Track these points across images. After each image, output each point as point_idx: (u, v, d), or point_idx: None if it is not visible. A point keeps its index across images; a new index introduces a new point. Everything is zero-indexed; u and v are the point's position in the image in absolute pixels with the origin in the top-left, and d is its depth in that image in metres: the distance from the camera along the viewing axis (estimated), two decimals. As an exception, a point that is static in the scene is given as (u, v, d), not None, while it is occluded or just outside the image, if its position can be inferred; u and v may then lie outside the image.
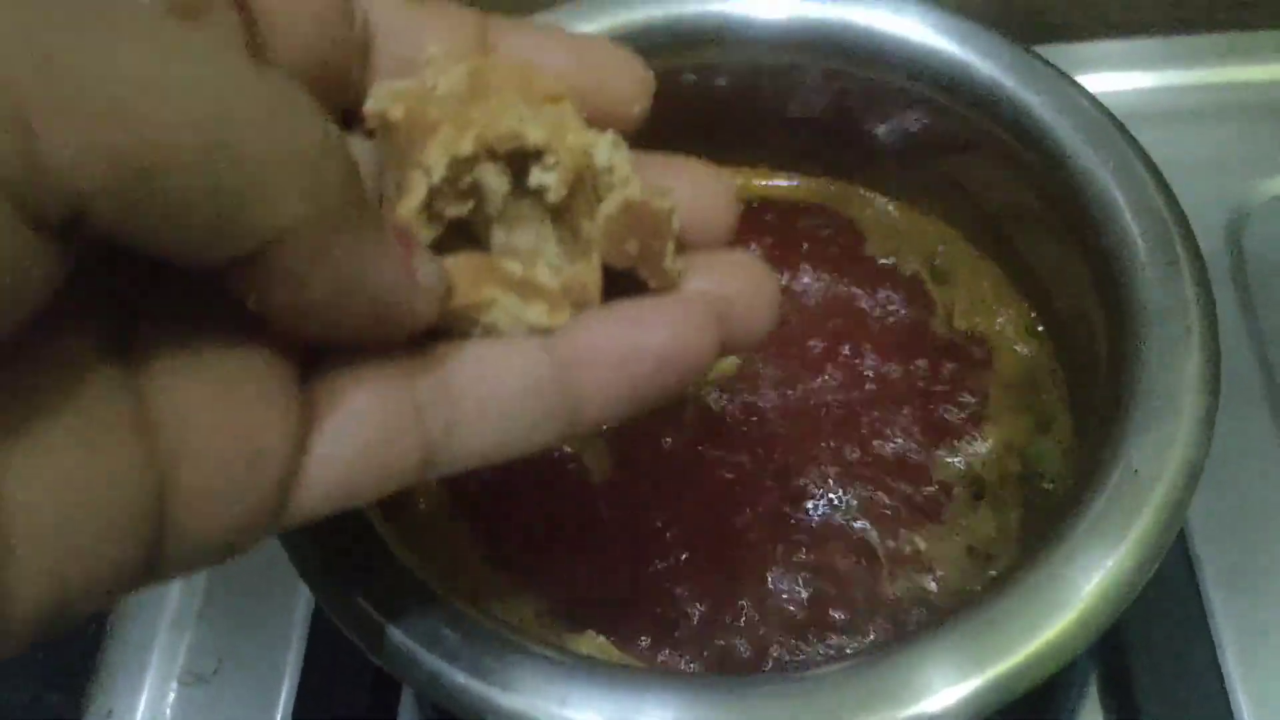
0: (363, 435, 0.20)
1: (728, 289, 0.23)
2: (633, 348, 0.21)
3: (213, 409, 0.18)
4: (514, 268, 0.21)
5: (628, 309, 0.22)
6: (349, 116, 0.23)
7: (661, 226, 0.22)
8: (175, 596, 0.41)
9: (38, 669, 0.63)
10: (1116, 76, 0.51)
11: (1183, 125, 0.49)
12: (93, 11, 0.15)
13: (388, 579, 0.27)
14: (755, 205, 0.39)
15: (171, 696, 0.40)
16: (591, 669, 0.26)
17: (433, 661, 0.25)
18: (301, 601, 0.41)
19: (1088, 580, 0.25)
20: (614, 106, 0.23)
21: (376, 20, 0.22)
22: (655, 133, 0.37)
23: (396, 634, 0.26)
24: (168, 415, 0.17)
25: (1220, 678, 0.35)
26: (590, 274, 0.22)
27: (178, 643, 0.41)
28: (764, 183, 0.40)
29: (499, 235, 0.21)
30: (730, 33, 0.34)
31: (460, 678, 0.25)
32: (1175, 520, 0.26)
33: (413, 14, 0.23)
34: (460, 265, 0.21)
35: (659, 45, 0.34)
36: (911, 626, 0.31)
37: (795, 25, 0.34)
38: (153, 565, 0.17)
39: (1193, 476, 0.26)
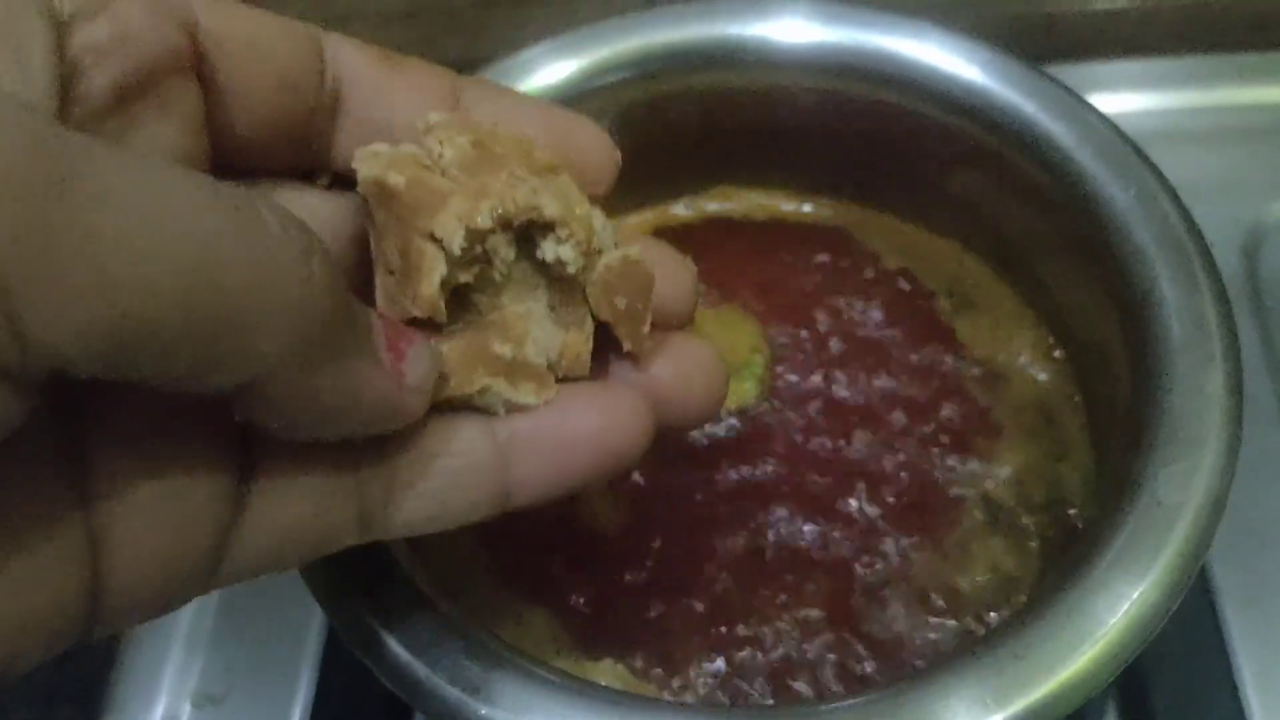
0: (300, 506, 0.20)
1: (682, 373, 0.23)
2: (568, 435, 0.22)
3: (152, 511, 0.18)
4: (505, 351, 0.22)
5: (564, 395, 0.22)
6: (310, 172, 0.23)
7: (647, 287, 0.23)
8: (187, 618, 0.41)
9: (46, 687, 0.63)
10: (1129, 97, 0.51)
11: (1196, 146, 0.49)
12: (71, 172, 0.14)
13: (404, 605, 0.27)
14: (771, 228, 0.39)
15: (184, 719, 0.39)
16: (608, 699, 0.25)
17: (454, 694, 0.25)
18: (315, 624, 0.40)
19: (1113, 613, 0.25)
20: (584, 180, 0.23)
21: (346, 77, 0.22)
22: (672, 155, 0.38)
23: (420, 668, 0.25)
24: (111, 519, 0.18)
25: (1237, 699, 0.35)
26: (584, 344, 0.22)
27: (190, 664, 0.40)
28: (781, 206, 0.40)
29: (491, 300, 0.22)
30: (747, 56, 0.34)
31: (483, 709, 0.25)
32: (1200, 552, 0.26)
33: (384, 73, 0.23)
34: (455, 351, 0.21)
35: (678, 67, 0.35)
36: (933, 659, 0.31)
37: (813, 50, 0.34)
38: (87, 629, 0.18)
39: (1217, 508, 0.26)
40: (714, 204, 0.39)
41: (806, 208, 0.39)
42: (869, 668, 0.30)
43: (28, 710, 0.62)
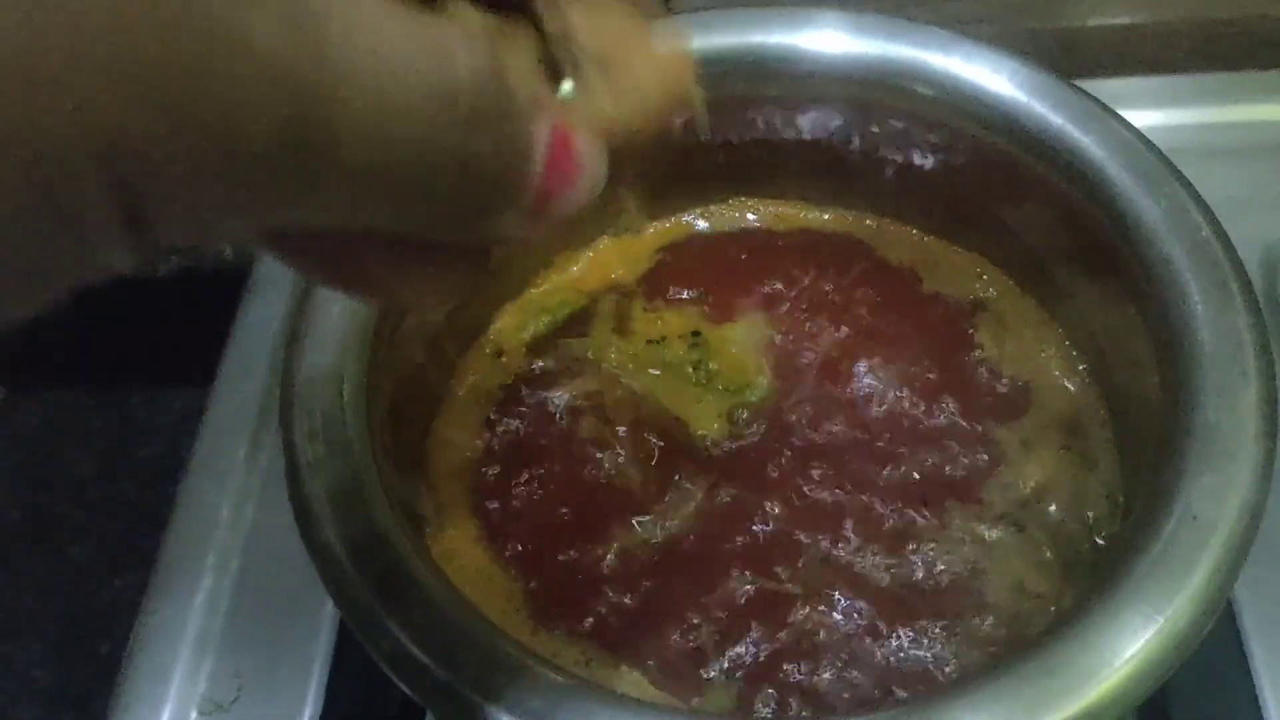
0: None
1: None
2: None
3: None
4: None
5: None
6: None
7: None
8: (196, 621, 0.41)
9: (46, 692, 0.63)
10: (1148, 114, 0.51)
11: (1215, 162, 0.48)
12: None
13: (424, 610, 0.26)
14: (797, 238, 0.38)
15: (191, 723, 0.39)
16: (631, 709, 0.25)
17: (477, 702, 0.25)
18: (324, 629, 0.40)
19: (1147, 629, 0.24)
20: None
21: None
22: (696, 164, 0.37)
23: (434, 668, 0.25)
24: None
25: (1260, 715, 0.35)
26: None
27: (198, 669, 0.40)
28: (801, 215, 0.39)
29: None
30: (778, 65, 0.34)
31: (497, 712, 0.24)
32: (1236, 566, 0.25)
33: None
34: None
35: (711, 74, 0.34)
36: (961, 674, 0.30)
37: (843, 60, 0.34)
38: None
39: (1254, 521, 0.25)
40: (733, 213, 0.39)
41: (826, 216, 0.39)
42: (899, 673, 0.30)
43: (30, 713, 0.62)
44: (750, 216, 0.39)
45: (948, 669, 0.30)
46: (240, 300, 0.50)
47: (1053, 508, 0.33)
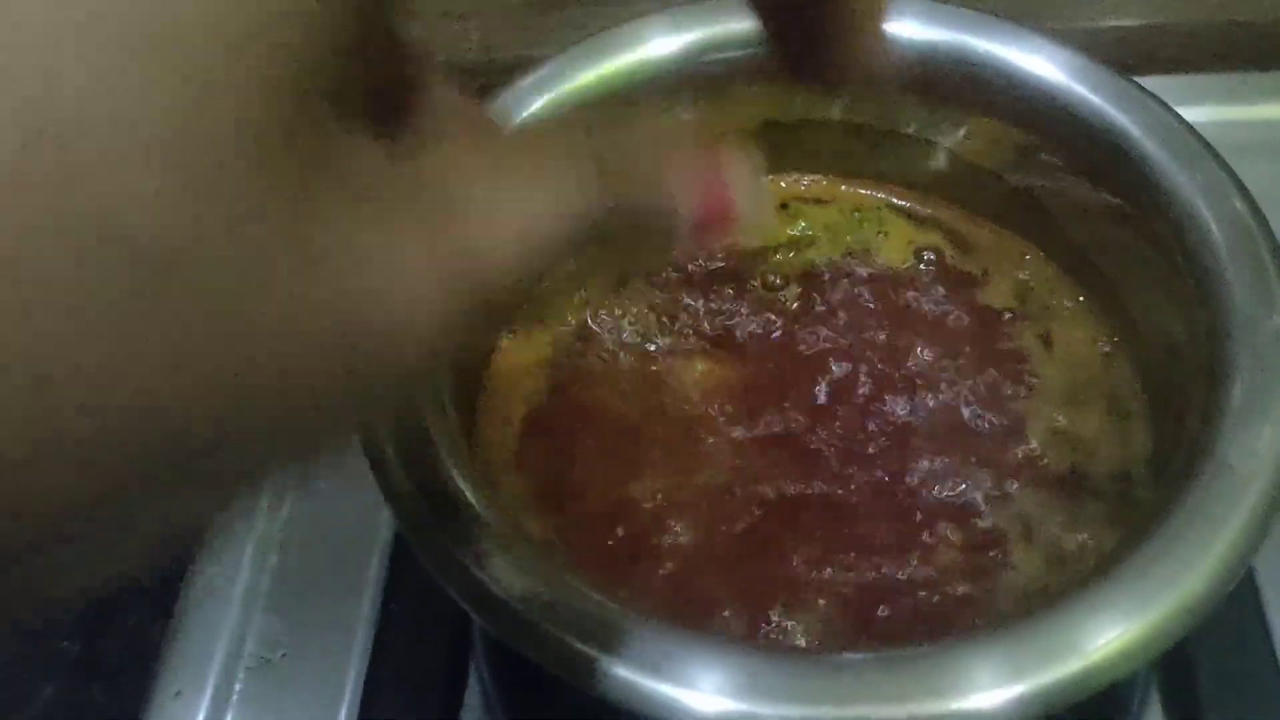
0: None
1: None
2: None
3: None
4: None
5: None
6: None
7: None
8: (243, 581, 0.42)
9: (74, 664, 0.64)
10: (1171, 111, 0.52)
11: (1235, 161, 0.50)
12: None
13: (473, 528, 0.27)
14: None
15: (239, 679, 0.40)
16: (658, 629, 0.26)
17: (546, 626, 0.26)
18: (369, 588, 0.41)
19: (1187, 572, 0.26)
20: None
21: None
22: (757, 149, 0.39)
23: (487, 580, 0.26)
24: None
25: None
26: None
27: (245, 627, 0.41)
28: (844, 187, 0.41)
29: None
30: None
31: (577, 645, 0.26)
32: (1270, 517, 0.26)
33: None
34: None
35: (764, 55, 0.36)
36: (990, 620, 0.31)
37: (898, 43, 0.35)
38: None
39: (1289, 474, 0.27)
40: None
41: (864, 192, 0.41)
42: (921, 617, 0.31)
43: (57, 684, 0.62)
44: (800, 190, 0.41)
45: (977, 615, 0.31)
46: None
47: (1090, 459, 0.34)
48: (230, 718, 0.39)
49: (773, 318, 0.37)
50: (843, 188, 0.40)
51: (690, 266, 0.39)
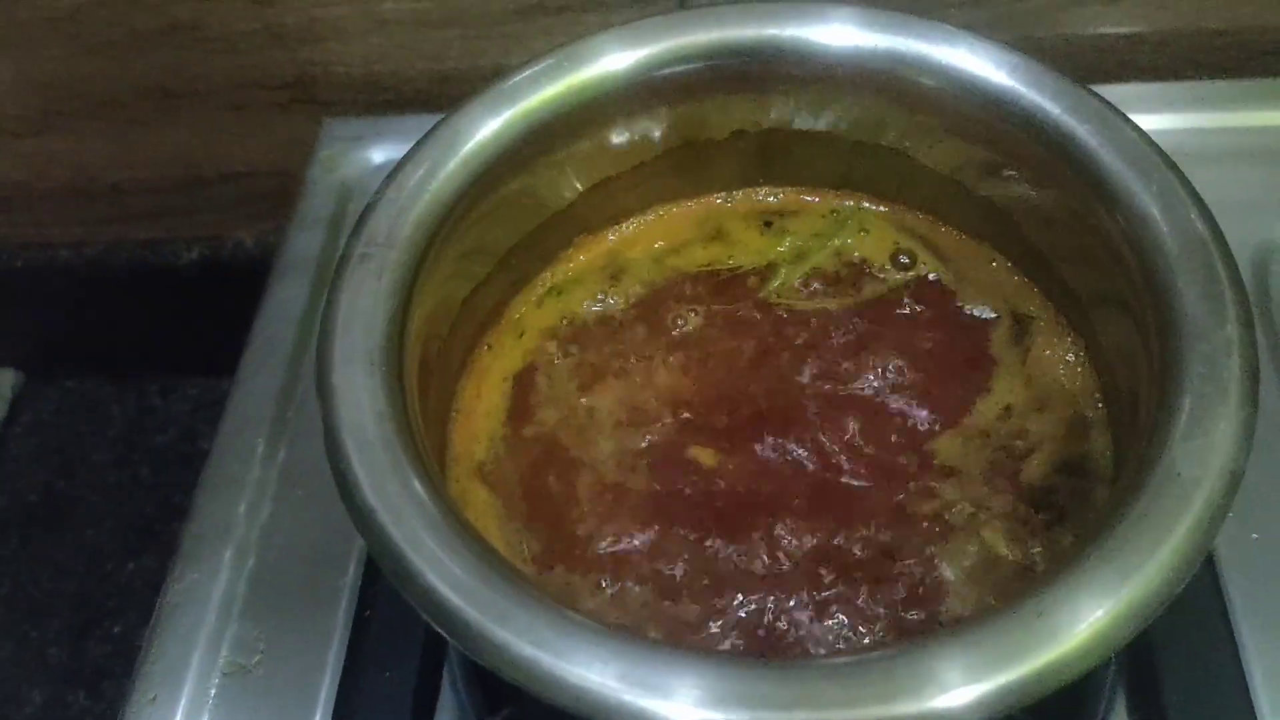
0: None
1: None
2: None
3: None
4: None
5: None
6: None
7: None
8: (220, 587, 0.42)
9: (59, 670, 0.64)
10: (1144, 118, 0.52)
11: (1210, 166, 0.50)
12: None
13: (454, 557, 0.28)
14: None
15: (214, 685, 0.40)
16: (624, 640, 0.27)
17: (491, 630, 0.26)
18: (344, 595, 0.41)
19: (1134, 576, 0.26)
20: None
21: None
22: (718, 152, 0.39)
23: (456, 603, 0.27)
24: None
25: (1246, 692, 0.36)
26: None
27: (221, 633, 0.41)
28: (809, 199, 0.41)
29: None
30: (793, 56, 0.36)
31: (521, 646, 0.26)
32: (1216, 522, 0.27)
33: None
34: None
35: (728, 66, 0.36)
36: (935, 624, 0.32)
37: (854, 53, 0.36)
38: None
39: (1233, 481, 0.27)
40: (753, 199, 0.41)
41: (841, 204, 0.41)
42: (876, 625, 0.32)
43: (43, 690, 0.63)
44: (770, 201, 0.41)
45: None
46: (265, 286, 0.52)
47: (1047, 468, 0.34)
48: (206, 723, 0.39)
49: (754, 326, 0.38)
50: (808, 199, 0.41)
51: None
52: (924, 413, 0.36)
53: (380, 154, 0.55)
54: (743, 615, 0.32)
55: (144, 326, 0.72)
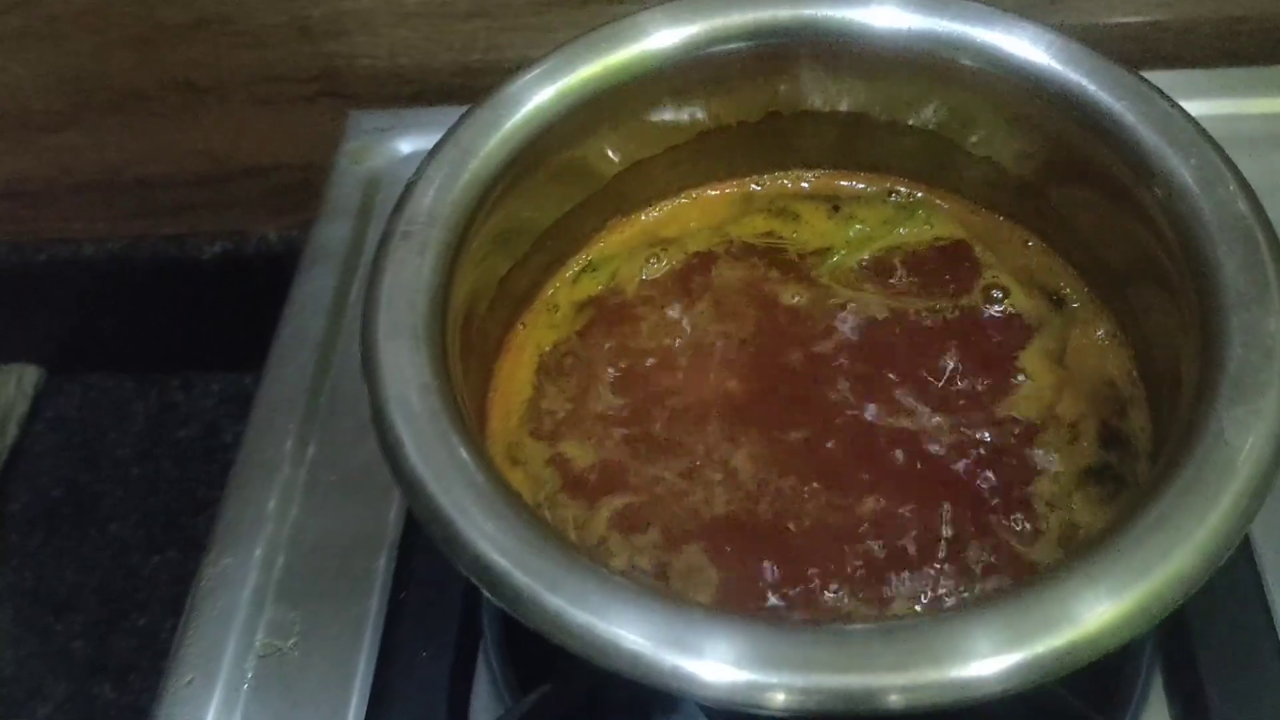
0: None
1: None
2: None
3: None
4: None
5: None
6: None
7: None
8: (256, 570, 0.42)
9: (84, 664, 0.64)
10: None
11: (1233, 152, 0.50)
12: None
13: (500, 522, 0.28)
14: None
15: (250, 667, 0.40)
16: (672, 604, 0.27)
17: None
18: (379, 577, 0.42)
19: (1182, 544, 0.26)
20: None
21: None
22: (758, 141, 0.39)
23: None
24: None
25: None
26: None
27: (257, 616, 0.42)
28: (845, 184, 0.41)
29: None
30: (847, 36, 0.36)
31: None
32: (1263, 489, 0.27)
33: None
34: None
35: (767, 47, 0.36)
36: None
37: (902, 35, 0.36)
38: None
39: (1280, 450, 0.27)
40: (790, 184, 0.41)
41: (860, 186, 0.41)
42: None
43: (67, 684, 0.63)
44: (804, 186, 0.41)
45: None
46: (293, 277, 0.52)
47: (1087, 446, 0.34)
48: (242, 705, 0.40)
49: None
50: (844, 184, 0.41)
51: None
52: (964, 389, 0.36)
53: (407, 145, 0.56)
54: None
55: (167, 322, 0.72)
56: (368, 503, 0.44)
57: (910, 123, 0.39)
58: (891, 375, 0.36)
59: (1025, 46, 0.35)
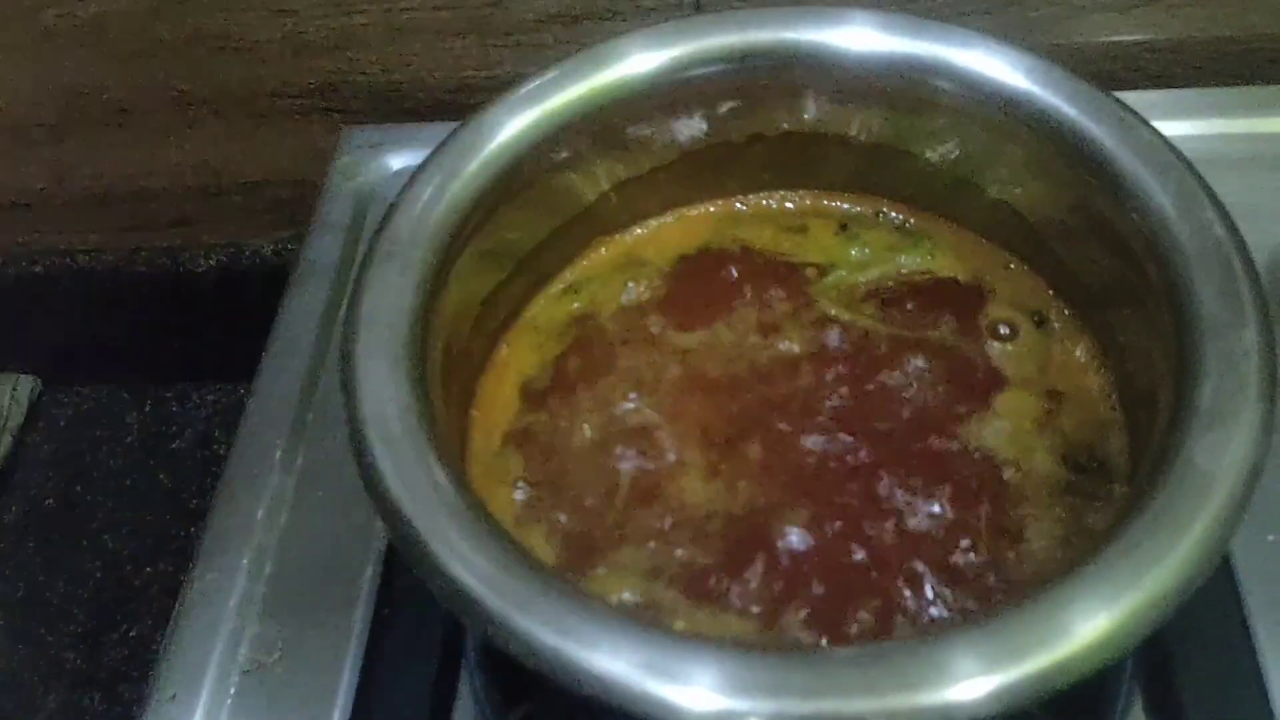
0: None
1: None
2: None
3: None
4: None
5: None
6: None
7: None
8: (240, 586, 0.42)
9: (75, 674, 0.65)
10: (1158, 125, 0.53)
11: (1221, 172, 0.50)
12: None
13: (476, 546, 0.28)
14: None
15: (234, 682, 0.41)
16: (646, 629, 0.27)
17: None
18: (363, 594, 0.42)
19: (1155, 568, 0.26)
20: None
21: None
22: (741, 162, 0.40)
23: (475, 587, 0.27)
24: None
25: (1265, 695, 0.36)
26: None
27: (241, 631, 0.42)
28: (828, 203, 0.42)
29: None
30: (818, 60, 0.37)
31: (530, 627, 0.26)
32: (1236, 516, 0.27)
33: None
34: None
35: (747, 69, 0.37)
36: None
37: (874, 58, 0.36)
38: None
39: (1253, 475, 0.27)
40: (772, 203, 0.42)
41: (846, 207, 0.42)
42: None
43: (59, 694, 0.63)
44: (789, 205, 0.42)
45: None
46: (284, 291, 0.52)
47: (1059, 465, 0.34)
48: (225, 721, 0.40)
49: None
50: (827, 203, 0.41)
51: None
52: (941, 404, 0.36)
53: (398, 161, 0.56)
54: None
55: (162, 333, 0.73)
56: (354, 518, 0.44)
57: (887, 144, 0.39)
58: (870, 399, 0.36)
59: (1004, 70, 0.35)
